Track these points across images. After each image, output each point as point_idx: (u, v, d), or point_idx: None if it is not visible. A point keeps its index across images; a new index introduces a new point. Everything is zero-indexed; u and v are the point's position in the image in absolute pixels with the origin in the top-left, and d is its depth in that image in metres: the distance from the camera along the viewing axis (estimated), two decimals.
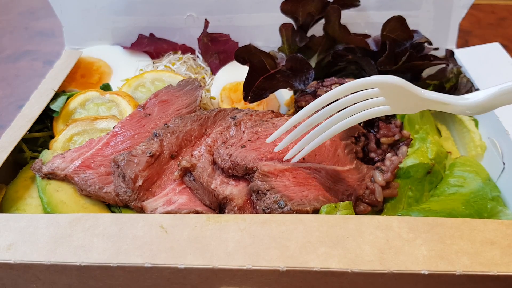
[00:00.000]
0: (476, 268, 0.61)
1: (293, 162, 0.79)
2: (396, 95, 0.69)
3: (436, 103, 0.69)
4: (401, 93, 0.68)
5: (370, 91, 0.69)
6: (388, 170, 0.88)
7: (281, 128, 0.76)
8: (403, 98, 0.69)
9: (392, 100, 0.70)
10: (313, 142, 0.76)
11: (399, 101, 0.69)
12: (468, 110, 0.69)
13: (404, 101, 0.69)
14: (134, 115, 0.93)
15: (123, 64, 1.25)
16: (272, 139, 0.78)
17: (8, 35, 1.78)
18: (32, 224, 0.67)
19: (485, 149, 0.98)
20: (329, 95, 0.70)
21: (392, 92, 0.68)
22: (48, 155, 0.87)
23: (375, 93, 0.69)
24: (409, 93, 0.68)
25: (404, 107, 0.71)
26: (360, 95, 0.70)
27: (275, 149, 0.79)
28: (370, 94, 0.69)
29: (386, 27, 1.05)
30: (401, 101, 0.69)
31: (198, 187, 0.79)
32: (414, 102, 0.69)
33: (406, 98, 0.69)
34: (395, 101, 0.70)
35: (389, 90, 0.68)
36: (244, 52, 0.97)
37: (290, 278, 0.62)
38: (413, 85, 0.68)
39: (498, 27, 1.80)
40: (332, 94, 0.70)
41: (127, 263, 0.62)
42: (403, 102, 0.70)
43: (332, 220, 0.67)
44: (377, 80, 0.68)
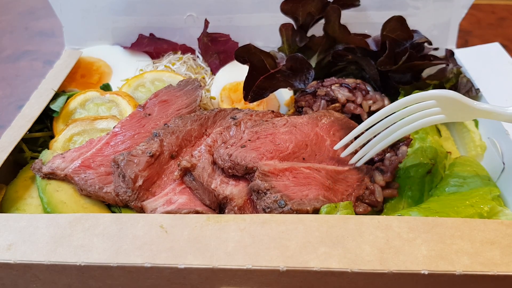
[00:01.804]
0: (476, 268, 0.61)
1: (358, 165, 0.88)
2: (451, 106, 0.76)
3: (487, 113, 0.76)
4: (456, 105, 0.75)
5: (428, 102, 0.77)
6: (387, 170, 0.88)
7: (350, 134, 0.85)
8: (458, 109, 0.76)
9: (447, 111, 0.77)
10: (375, 148, 0.85)
11: (454, 111, 0.77)
12: None
13: (458, 111, 0.77)
14: (134, 115, 0.93)
15: (123, 64, 1.25)
16: (340, 146, 0.87)
17: (8, 35, 1.78)
18: (32, 224, 0.67)
19: (485, 149, 0.98)
20: (391, 107, 0.78)
21: (448, 103, 0.76)
22: (48, 155, 0.87)
23: (432, 104, 0.77)
24: (464, 105, 0.75)
25: (458, 117, 0.78)
26: (418, 107, 0.77)
27: (342, 154, 0.88)
28: (427, 106, 0.77)
29: (386, 27, 1.05)
30: (456, 112, 0.77)
31: (198, 187, 0.79)
32: (468, 112, 0.76)
33: (460, 109, 0.76)
34: (450, 112, 0.77)
35: (445, 102, 0.76)
36: (244, 52, 0.97)
37: (290, 278, 0.62)
38: (467, 98, 0.75)
39: (498, 27, 1.80)
40: (394, 106, 0.78)
41: (127, 263, 0.62)
42: (457, 112, 0.77)
43: (332, 220, 0.67)
44: (435, 94, 0.76)
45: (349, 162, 0.88)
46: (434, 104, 0.76)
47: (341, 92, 1.00)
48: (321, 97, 1.01)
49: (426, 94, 0.76)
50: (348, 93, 1.00)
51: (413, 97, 0.76)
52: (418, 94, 0.76)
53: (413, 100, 0.77)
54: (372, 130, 0.82)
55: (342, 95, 1.00)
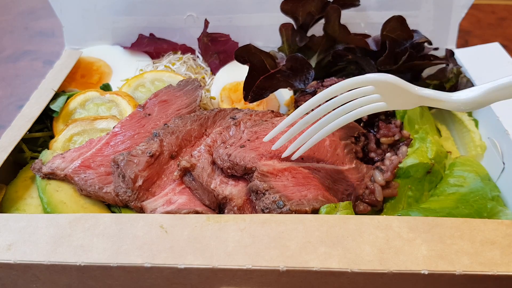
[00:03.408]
0: (476, 268, 0.61)
1: (291, 159, 0.80)
2: (390, 92, 0.70)
3: (430, 100, 0.70)
4: (396, 90, 0.69)
5: (365, 88, 0.71)
6: (388, 169, 0.88)
7: (279, 126, 0.76)
8: (398, 95, 0.70)
9: (387, 97, 0.71)
10: (311, 140, 0.77)
11: (394, 98, 0.71)
12: (463, 106, 0.70)
13: (399, 98, 0.71)
14: (134, 115, 0.93)
15: (123, 64, 1.25)
16: (270, 138, 0.79)
17: (8, 35, 1.78)
18: (32, 224, 0.67)
19: (485, 149, 0.98)
20: (325, 93, 0.71)
21: (387, 89, 0.70)
22: (48, 155, 0.87)
23: (370, 90, 0.70)
24: (403, 90, 0.69)
25: (399, 104, 0.72)
26: (355, 93, 0.71)
27: (273, 147, 0.80)
28: (365, 92, 0.71)
29: (386, 27, 1.05)
30: (396, 98, 0.71)
31: (197, 187, 0.79)
32: (409, 98, 0.70)
33: (400, 95, 0.70)
34: (390, 98, 0.71)
35: (384, 87, 0.70)
36: (244, 52, 0.97)
37: (290, 278, 0.62)
38: (406, 83, 0.69)
39: (498, 27, 1.80)
40: (328, 92, 0.71)
41: (127, 263, 0.62)
42: (398, 99, 0.71)
43: (332, 220, 0.67)
44: (371, 78, 0.69)
45: (282, 155, 0.80)
46: (372, 90, 0.70)
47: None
48: None
49: (362, 79, 0.69)
50: None
51: (349, 82, 0.69)
52: (353, 79, 0.69)
53: (348, 85, 0.70)
54: (306, 119, 0.75)
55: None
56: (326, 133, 0.76)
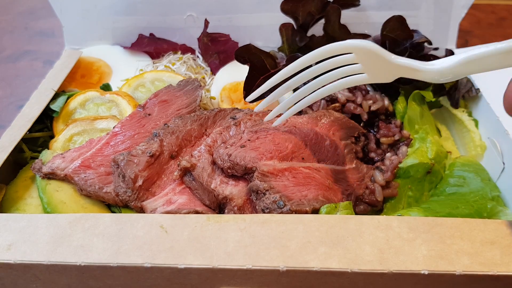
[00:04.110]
0: (476, 268, 0.61)
1: (273, 125, 0.83)
2: (370, 60, 0.71)
3: (407, 69, 0.70)
4: (374, 58, 0.70)
5: (346, 56, 0.71)
6: (388, 169, 0.88)
7: (260, 88, 0.79)
8: (377, 65, 0.71)
9: (367, 67, 0.72)
10: (293, 108, 0.80)
11: (374, 67, 0.72)
12: (437, 76, 0.69)
13: (378, 67, 0.71)
14: (134, 115, 0.93)
15: (123, 64, 1.25)
16: (251, 99, 0.82)
17: (8, 35, 1.78)
18: (32, 224, 0.67)
19: (485, 149, 0.98)
20: (306, 58, 0.72)
21: (367, 57, 0.70)
22: (48, 155, 0.87)
23: (351, 58, 0.71)
24: (381, 58, 0.70)
25: (379, 75, 0.73)
26: (336, 61, 0.72)
27: (255, 109, 0.82)
28: (346, 60, 0.72)
29: (386, 27, 1.05)
30: (375, 68, 0.72)
31: (198, 187, 0.79)
32: (388, 69, 0.71)
33: (379, 64, 0.71)
34: (370, 68, 0.72)
35: (363, 55, 0.70)
36: (244, 52, 0.97)
37: (290, 278, 0.62)
38: (385, 50, 0.70)
39: (498, 27, 1.80)
40: (310, 57, 0.72)
41: (127, 263, 0.62)
42: (377, 69, 0.72)
43: (332, 220, 0.67)
44: (350, 44, 0.70)
45: (264, 119, 0.83)
46: (353, 58, 0.71)
47: (341, 92, 1.00)
48: None
49: (342, 45, 0.70)
50: (348, 93, 1.00)
51: (329, 48, 0.70)
52: (333, 45, 0.70)
53: (329, 51, 0.71)
54: (288, 84, 0.76)
55: (342, 95, 1.00)
56: (308, 103, 0.79)
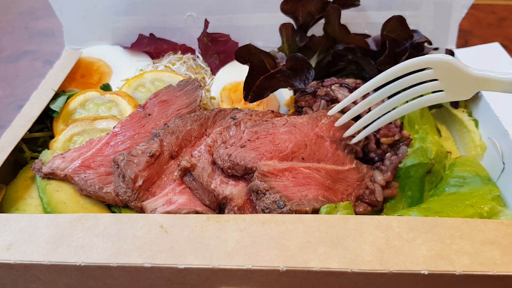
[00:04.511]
0: (476, 268, 0.61)
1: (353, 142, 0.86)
2: (449, 75, 0.72)
3: (486, 81, 0.71)
4: (453, 72, 0.72)
5: (426, 73, 0.73)
6: (388, 170, 0.88)
7: (341, 103, 0.81)
8: (456, 79, 0.72)
9: (446, 83, 0.73)
10: (373, 125, 0.82)
11: (453, 83, 0.73)
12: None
13: (457, 82, 0.73)
14: (134, 115, 0.93)
15: (123, 64, 1.25)
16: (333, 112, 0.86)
17: (8, 35, 1.78)
18: (32, 224, 0.67)
19: (485, 149, 0.98)
20: (386, 74, 0.75)
21: (446, 72, 0.72)
22: (48, 155, 0.87)
23: (429, 75, 0.73)
24: (460, 71, 0.71)
25: (458, 91, 0.74)
26: (416, 77, 0.74)
27: (336, 124, 0.86)
28: (426, 76, 0.74)
29: (386, 27, 1.05)
30: (454, 83, 0.73)
31: (198, 187, 0.79)
32: (466, 83, 0.72)
33: (458, 79, 0.72)
34: (449, 84, 0.73)
35: (442, 70, 0.72)
36: (244, 52, 0.97)
37: (290, 278, 0.62)
38: (463, 64, 0.71)
39: (498, 27, 1.80)
40: (389, 73, 0.74)
41: (127, 263, 0.62)
42: (456, 84, 0.73)
43: (332, 220, 0.67)
44: (430, 59, 0.72)
45: (343, 135, 0.87)
46: (432, 75, 0.73)
47: (341, 92, 1.00)
48: (321, 97, 1.01)
49: (421, 60, 0.72)
50: (348, 93, 1.00)
51: (409, 64, 0.73)
52: (412, 60, 0.73)
53: (409, 66, 0.73)
54: (368, 100, 0.79)
55: (342, 95, 1.00)
56: (387, 121, 0.81)
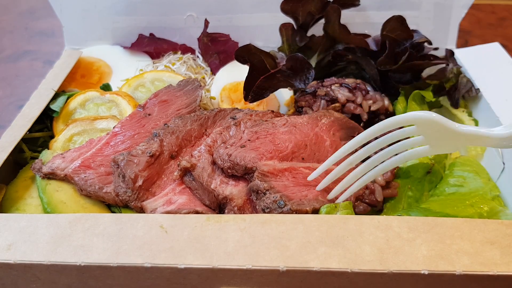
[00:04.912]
0: (476, 268, 0.61)
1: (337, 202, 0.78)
2: (433, 132, 0.69)
3: (472, 137, 0.69)
4: (438, 129, 0.69)
5: (408, 129, 0.70)
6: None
7: (323, 164, 0.76)
8: (441, 135, 0.69)
9: (430, 139, 0.71)
10: (356, 184, 0.77)
11: (438, 139, 0.70)
12: (505, 142, 0.68)
13: (442, 138, 0.70)
14: (134, 115, 0.93)
15: (123, 64, 1.25)
16: (314, 177, 0.78)
17: (8, 35, 1.78)
18: (32, 224, 0.67)
19: (485, 149, 0.98)
20: (368, 133, 0.71)
21: (430, 129, 0.69)
22: (48, 155, 0.88)
23: (413, 131, 0.70)
24: (445, 128, 0.68)
25: (443, 146, 0.72)
26: (398, 134, 0.71)
27: (317, 188, 0.78)
28: (409, 133, 0.71)
29: (386, 27, 1.05)
30: (439, 139, 0.70)
31: (198, 187, 0.79)
32: (452, 138, 0.70)
33: (443, 135, 0.69)
34: (433, 140, 0.71)
35: (426, 127, 0.69)
36: (244, 52, 0.97)
37: (290, 278, 0.62)
38: (448, 120, 0.69)
39: (498, 27, 1.80)
40: (371, 131, 0.70)
41: (127, 263, 0.62)
42: (441, 140, 0.70)
43: (332, 220, 0.67)
44: (412, 117, 0.69)
45: (327, 198, 0.79)
46: (415, 131, 0.70)
47: (341, 92, 1.00)
48: (321, 97, 1.02)
49: (403, 118, 0.69)
50: (348, 93, 1.00)
51: (391, 122, 0.69)
52: (395, 118, 0.69)
53: (391, 124, 0.69)
54: (350, 160, 0.74)
55: (342, 95, 1.00)
56: (371, 178, 0.77)
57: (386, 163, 0.75)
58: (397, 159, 0.75)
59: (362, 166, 0.76)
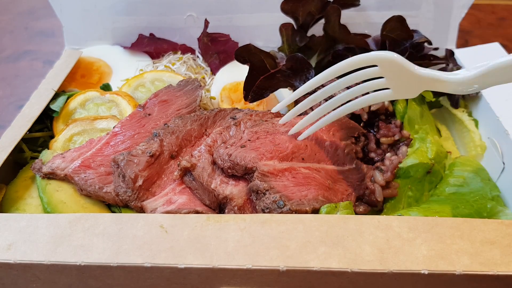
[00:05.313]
0: (476, 268, 0.61)
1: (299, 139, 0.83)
2: (394, 73, 0.71)
3: (430, 81, 0.70)
4: (398, 70, 0.71)
5: (371, 70, 0.72)
6: (388, 170, 0.88)
7: (285, 100, 0.80)
8: (401, 77, 0.71)
9: (392, 81, 0.72)
10: (317, 124, 0.81)
11: (398, 81, 0.72)
12: (461, 86, 0.69)
13: (402, 80, 0.72)
14: (134, 115, 0.93)
15: (123, 64, 1.25)
16: (276, 110, 0.83)
17: (8, 35, 1.78)
18: (32, 224, 0.67)
19: (485, 149, 0.98)
20: (331, 70, 0.73)
21: (391, 69, 0.71)
22: (48, 155, 0.87)
23: (375, 72, 0.72)
24: (404, 69, 0.70)
25: (403, 89, 0.73)
26: (361, 74, 0.73)
27: (280, 121, 0.84)
28: (370, 74, 0.72)
29: (386, 27, 1.05)
30: (400, 81, 0.72)
31: (198, 187, 0.79)
32: (412, 81, 0.71)
33: (403, 77, 0.71)
34: (395, 82, 0.72)
35: (387, 67, 0.71)
36: (244, 52, 0.97)
37: (290, 278, 0.62)
38: (409, 62, 0.70)
39: (498, 27, 1.80)
40: (334, 69, 0.73)
41: (127, 263, 0.62)
42: (402, 82, 0.72)
43: (332, 220, 0.67)
44: (374, 56, 0.71)
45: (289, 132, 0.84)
46: (377, 71, 0.72)
47: (341, 91, 1.00)
48: None
49: (366, 57, 0.71)
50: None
51: (354, 61, 0.71)
52: (358, 57, 0.71)
53: (354, 63, 0.72)
54: (313, 97, 0.77)
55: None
56: (332, 119, 0.79)
57: (349, 104, 0.78)
58: (358, 102, 0.77)
59: (325, 105, 0.78)
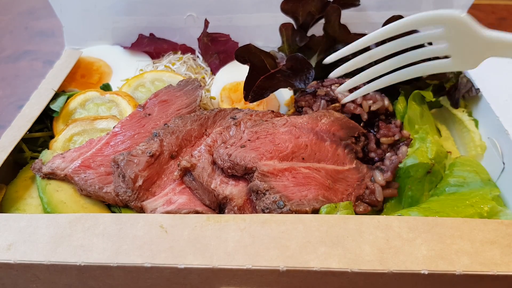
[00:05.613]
0: (476, 268, 0.61)
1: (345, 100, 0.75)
2: (459, 35, 0.66)
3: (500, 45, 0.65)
4: (465, 32, 0.65)
5: (434, 32, 0.67)
6: (388, 169, 0.88)
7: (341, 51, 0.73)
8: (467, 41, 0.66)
9: (455, 46, 0.67)
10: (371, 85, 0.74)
11: (462, 45, 0.66)
12: None
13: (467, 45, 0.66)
14: (134, 115, 0.93)
15: (123, 64, 1.25)
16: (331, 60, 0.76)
17: (8, 35, 1.78)
18: (32, 224, 0.67)
19: (485, 149, 0.98)
20: (391, 28, 0.68)
21: (456, 31, 0.66)
22: (48, 155, 0.87)
23: (439, 35, 0.67)
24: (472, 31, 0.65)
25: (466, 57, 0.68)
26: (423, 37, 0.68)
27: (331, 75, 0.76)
28: (434, 36, 0.68)
29: None
30: (464, 46, 0.66)
31: (198, 187, 0.79)
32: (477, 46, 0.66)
33: (469, 41, 0.66)
34: (458, 47, 0.67)
35: (453, 29, 0.66)
36: (244, 52, 0.97)
37: (290, 278, 0.62)
38: (477, 24, 0.65)
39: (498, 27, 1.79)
40: (395, 26, 0.68)
41: (127, 263, 0.62)
42: (466, 48, 0.67)
43: (332, 220, 0.67)
44: (441, 15, 0.66)
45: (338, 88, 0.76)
46: (441, 35, 0.66)
47: (341, 92, 1.00)
48: (321, 97, 1.01)
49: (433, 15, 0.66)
50: (348, 93, 1.00)
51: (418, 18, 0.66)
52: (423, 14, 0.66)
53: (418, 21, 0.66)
54: (369, 54, 0.72)
55: (342, 95, 1.00)
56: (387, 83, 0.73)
57: (404, 71, 0.72)
58: (417, 69, 0.72)
59: (378, 67, 0.73)
